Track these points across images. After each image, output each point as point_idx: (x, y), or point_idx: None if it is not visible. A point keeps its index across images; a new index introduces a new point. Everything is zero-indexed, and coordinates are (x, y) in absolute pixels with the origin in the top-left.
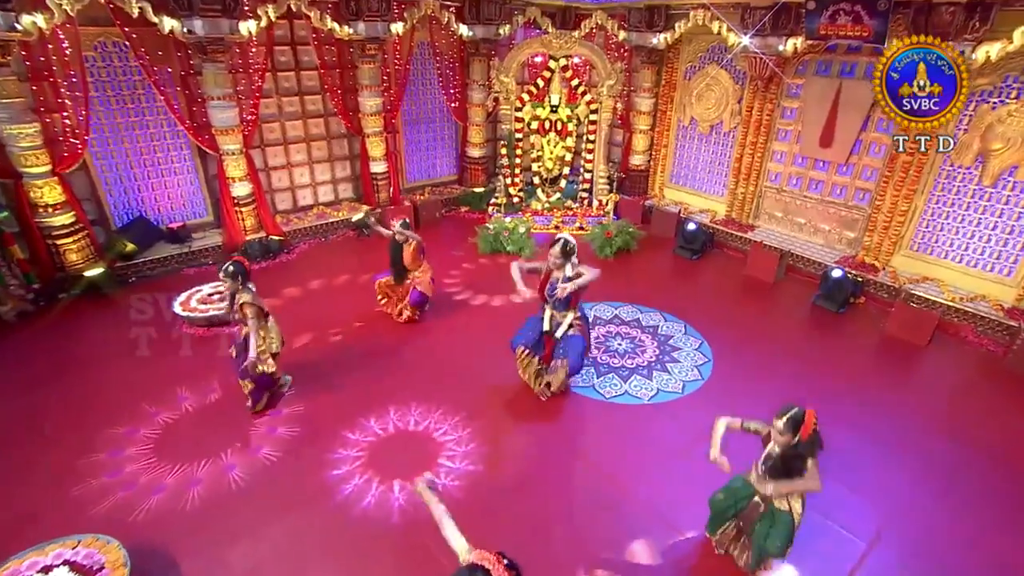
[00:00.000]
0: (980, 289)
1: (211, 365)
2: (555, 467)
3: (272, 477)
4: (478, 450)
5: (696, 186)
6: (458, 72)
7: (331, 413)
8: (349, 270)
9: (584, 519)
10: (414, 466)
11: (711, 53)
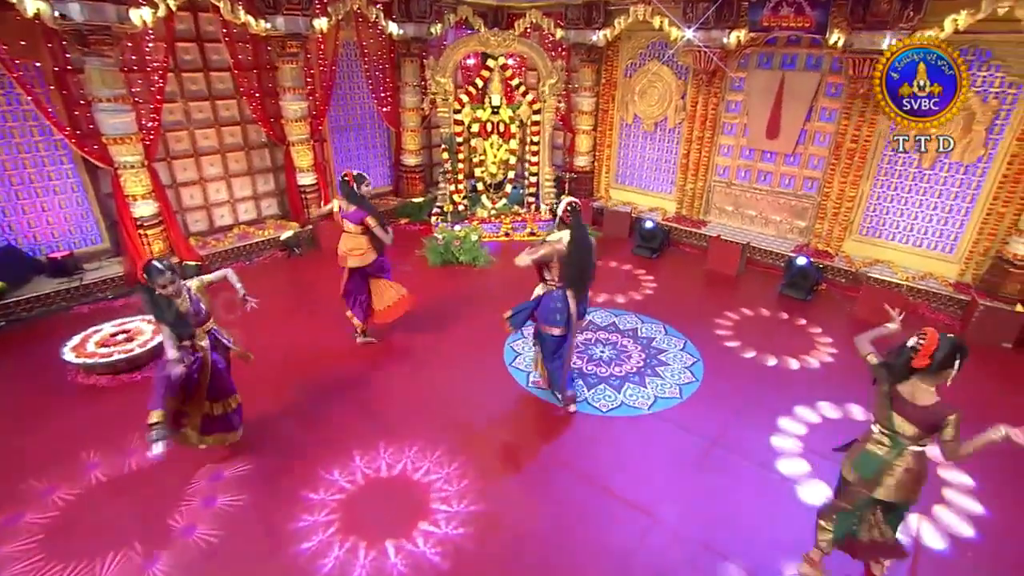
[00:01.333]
0: (927, 267)
1: (125, 419)
2: (570, 496)
3: (215, 569)
4: (474, 487)
5: (643, 185)
6: (388, 74)
7: (283, 469)
8: (281, 294)
9: (628, 561)
10: (402, 518)
11: (651, 49)
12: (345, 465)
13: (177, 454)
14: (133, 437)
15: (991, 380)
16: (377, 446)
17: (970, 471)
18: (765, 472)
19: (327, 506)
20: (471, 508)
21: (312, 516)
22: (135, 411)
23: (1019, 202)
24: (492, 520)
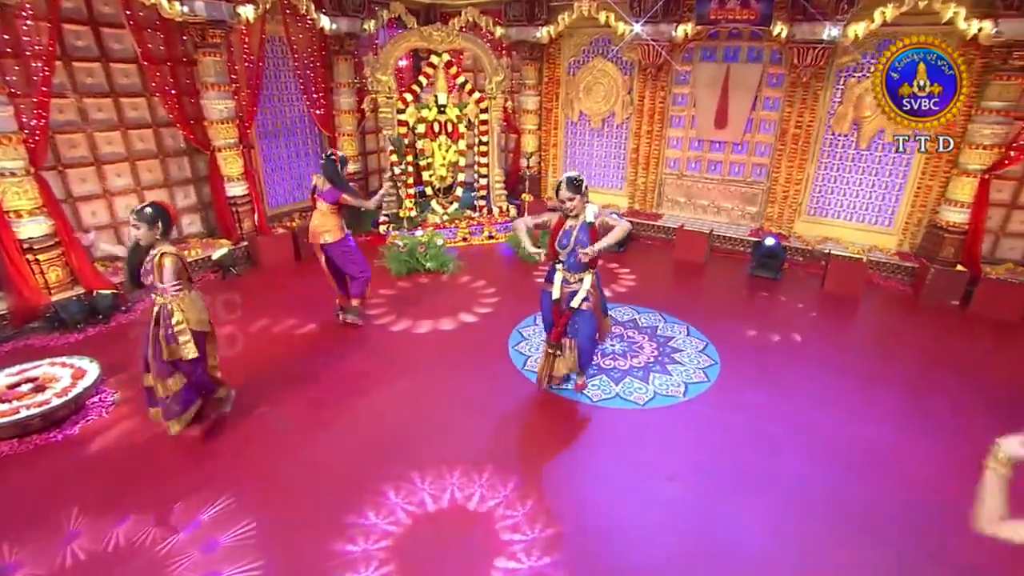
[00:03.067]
0: (870, 241)
1: (54, 495)
2: (642, 492)
3: None
4: (541, 506)
5: (593, 183)
6: (320, 73)
7: (299, 522)
8: (216, 320)
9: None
10: (476, 558)
11: (595, 46)
12: (377, 503)
13: (138, 525)
14: (71, 515)
15: (947, 334)
16: (411, 477)
17: None
18: (816, 438)
19: (374, 558)
20: (547, 533)
21: (360, 573)
22: (67, 480)
23: (943, 175)
24: (576, 539)
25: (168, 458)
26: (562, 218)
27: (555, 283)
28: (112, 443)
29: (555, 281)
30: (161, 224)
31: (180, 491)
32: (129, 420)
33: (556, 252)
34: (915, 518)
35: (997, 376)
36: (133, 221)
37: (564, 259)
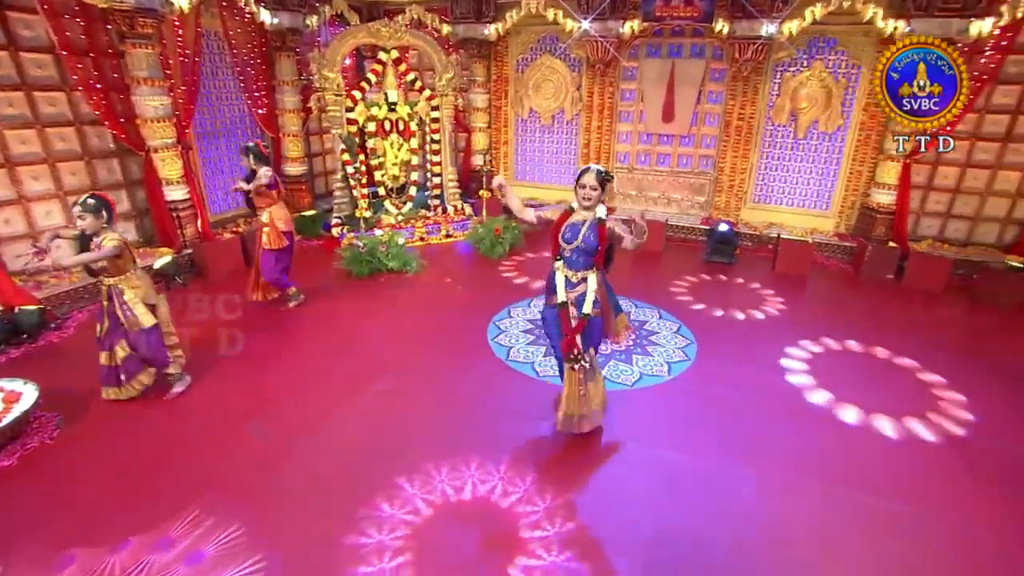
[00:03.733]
0: (810, 224)
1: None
2: (658, 472)
3: None
4: (561, 502)
5: (544, 179)
6: (261, 71)
7: (305, 520)
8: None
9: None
10: (502, 549)
11: (542, 43)
12: (393, 495)
13: (129, 556)
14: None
15: (886, 304)
16: (424, 469)
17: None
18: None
19: (387, 550)
20: (567, 528)
21: (375, 566)
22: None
23: (871, 160)
24: (591, 511)
25: (145, 479)
26: (567, 212)
27: (559, 286)
28: (64, 469)
29: (558, 283)
30: (105, 212)
31: (164, 513)
32: (82, 442)
33: (559, 247)
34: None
35: (928, 333)
36: (78, 213)
37: (567, 255)
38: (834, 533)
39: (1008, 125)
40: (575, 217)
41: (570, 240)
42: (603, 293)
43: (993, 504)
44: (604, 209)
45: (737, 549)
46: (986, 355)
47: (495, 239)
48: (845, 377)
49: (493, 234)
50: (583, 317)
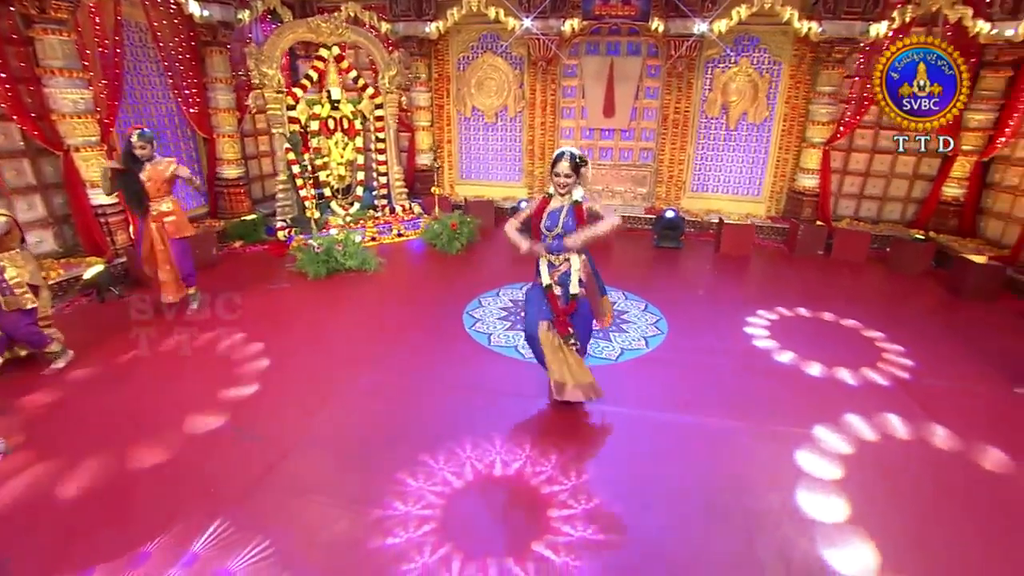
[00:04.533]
0: (745, 209)
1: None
2: (667, 439)
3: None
4: (569, 464)
5: (490, 176)
6: (192, 67)
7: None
8: (102, 345)
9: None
10: (529, 526)
11: (483, 41)
12: (419, 472)
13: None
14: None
15: (820, 274)
16: (434, 453)
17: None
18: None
19: (412, 520)
20: (593, 504)
21: (404, 532)
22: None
23: (795, 148)
24: (604, 475)
25: (133, 495)
26: (545, 199)
27: (542, 269)
28: (27, 497)
29: (542, 268)
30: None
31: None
32: (41, 464)
33: (541, 234)
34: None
35: (861, 297)
36: None
37: (550, 242)
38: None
39: None
40: (553, 204)
41: (551, 228)
42: (588, 273)
43: (950, 431)
44: (581, 191)
45: (748, 495)
46: (907, 312)
47: (452, 234)
48: (803, 338)
49: (450, 229)
50: (572, 298)
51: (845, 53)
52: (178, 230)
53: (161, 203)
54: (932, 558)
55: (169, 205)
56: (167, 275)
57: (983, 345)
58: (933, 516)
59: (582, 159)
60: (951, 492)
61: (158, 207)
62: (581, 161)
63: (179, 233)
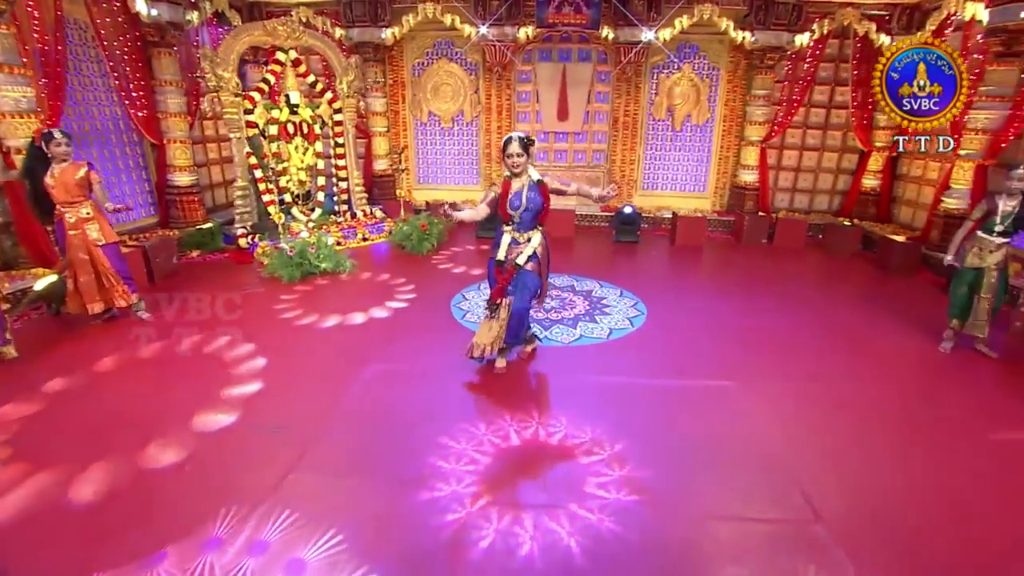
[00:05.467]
0: (692, 205)
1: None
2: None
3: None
4: (603, 434)
5: (448, 180)
6: (140, 69)
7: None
8: (74, 356)
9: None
10: (566, 485)
11: (438, 48)
12: (447, 452)
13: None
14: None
15: (765, 259)
16: (456, 436)
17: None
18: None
19: (459, 477)
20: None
21: (446, 487)
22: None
23: (735, 147)
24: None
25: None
26: (507, 181)
27: (502, 245)
28: (35, 506)
29: (502, 243)
30: None
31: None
32: (42, 474)
33: (509, 215)
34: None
35: (789, 276)
36: None
37: (517, 220)
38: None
39: (825, 116)
40: (515, 185)
41: (517, 207)
42: (544, 254)
43: (887, 373)
44: (537, 173)
45: (744, 444)
46: (848, 288)
47: (422, 235)
48: (767, 310)
49: (420, 230)
50: (514, 267)
51: (775, 60)
52: (106, 235)
53: (79, 209)
54: (896, 454)
55: (89, 210)
56: (87, 285)
57: (907, 307)
58: (894, 429)
59: (529, 139)
60: (909, 416)
61: (76, 213)
62: (529, 141)
63: (108, 238)
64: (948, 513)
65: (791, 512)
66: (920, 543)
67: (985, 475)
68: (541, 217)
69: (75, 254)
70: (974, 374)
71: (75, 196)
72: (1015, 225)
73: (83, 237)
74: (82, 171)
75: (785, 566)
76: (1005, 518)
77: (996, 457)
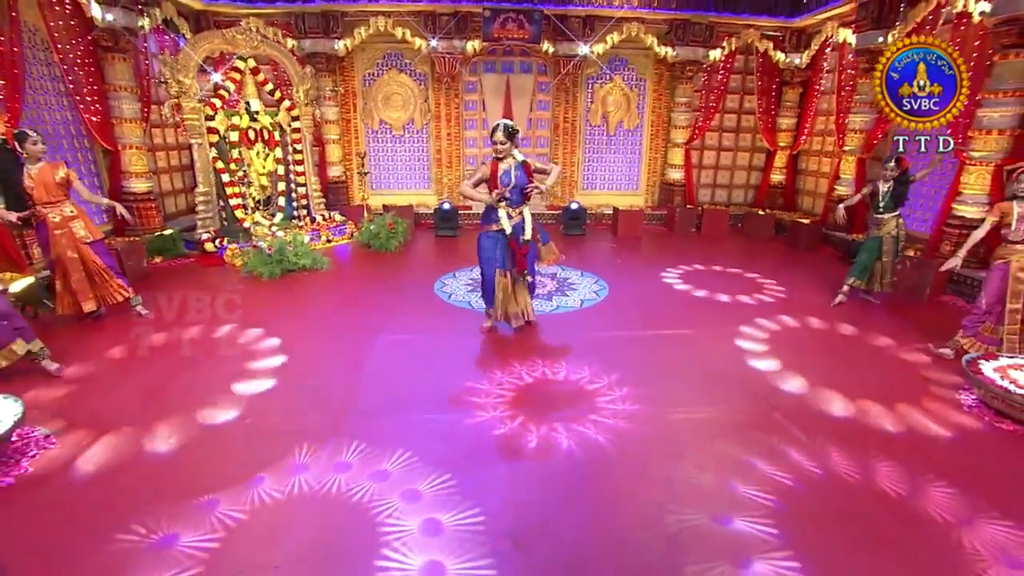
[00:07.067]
0: (627, 202)
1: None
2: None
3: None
4: (600, 370)
5: (400, 185)
6: (92, 74)
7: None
8: (84, 349)
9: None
10: (582, 404)
11: (388, 59)
12: (487, 380)
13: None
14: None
15: (693, 244)
16: (500, 371)
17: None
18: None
19: (493, 396)
20: (627, 407)
21: (485, 413)
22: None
23: (662, 148)
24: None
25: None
26: (495, 162)
27: (503, 219)
28: (112, 462)
29: (502, 217)
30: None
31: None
32: (108, 436)
33: (500, 189)
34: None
35: (733, 255)
36: None
37: (507, 195)
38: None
39: (736, 120)
40: (502, 166)
41: (506, 183)
42: (534, 225)
43: (816, 319)
44: (521, 155)
45: (716, 368)
46: (768, 262)
47: (389, 233)
48: (708, 282)
49: (387, 229)
50: (526, 243)
51: (694, 72)
52: (92, 232)
53: (62, 207)
54: (822, 369)
55: (72, 209)
56: (80, 283)
57: (816, 275)
58: (820, 353)
59: (514, 128)
60: (827, 345)
61: (60, 212)
62: (514, 130)
63: (95, 235)
64: (849, 396)
65: (755, 406)
66: (835, 416)
67: (872, 373)
68: (527, 195)
69: (63, 253)
70: (864, 315)
71: (56, 196)
72: (894, 203)
73: (70, 236)
74: (62, 171)
75: (756, 437)
76: (879, 398)
77: (881, 361)
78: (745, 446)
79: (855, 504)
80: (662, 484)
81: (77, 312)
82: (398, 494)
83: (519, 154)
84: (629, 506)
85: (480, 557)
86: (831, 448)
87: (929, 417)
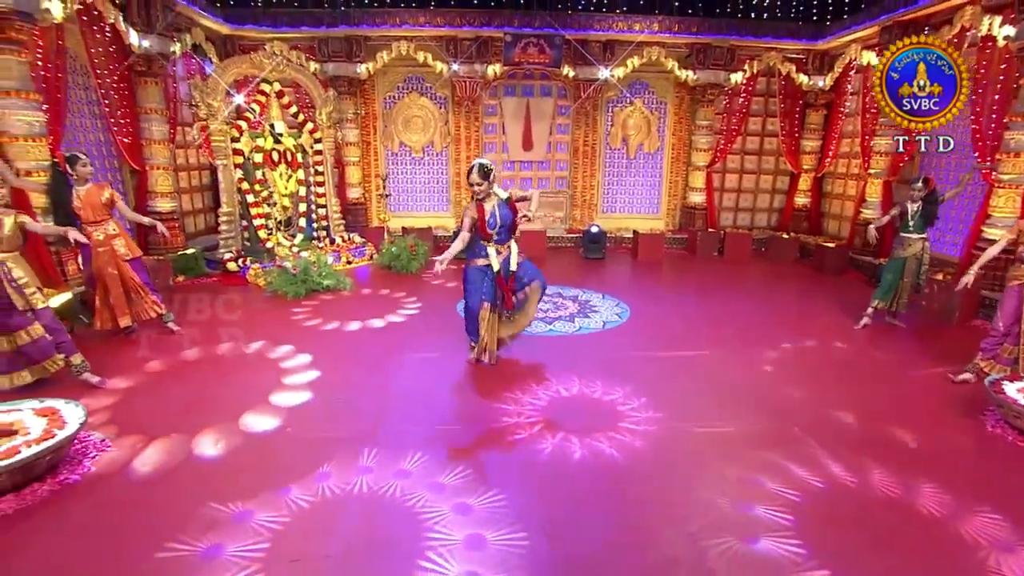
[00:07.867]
0: (648, 225)
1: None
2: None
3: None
4: (634, 391)
5: (419, 208)
6: (127, 98)
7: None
8: (120, 364)
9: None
10: (598, 419)
11: (409, 83)
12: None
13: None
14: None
15: (717, 269)
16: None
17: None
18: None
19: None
20: (645, 423)
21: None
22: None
23: (683, 172)
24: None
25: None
26: (480, 205)
27: (491, 256)
28: (167, 464)
29: (491, 255)
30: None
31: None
32: (158, 441)
33: (489, 234)
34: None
35: (741, 280)
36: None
37: (495, 236)
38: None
39: (759, 143)
40: (487, 207)
41: (493, 225)
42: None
43: (836, 340)
44: (500, 191)
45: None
46: (795, 286)
47: (410, 255)
48: (737, 301)
49: (408, 251)
50: (511, 275)
51: (715, 95)
52: (132, 250)
53: (105, 226)
54: (844, 389)
55: (115, 228)
56: (118, 299)
57: (842, 298)
58: (843, 375)
59: (488, 168)
60: (849, 366)
61: (104, 231)
62: (488, 169)
63: (134, 252)
64: (870, 416)
65: (773, 423)
66: (856, 432)
67: (895, 394)
68: (513, 228)
69: (104, 270)
70: (888, 338)
71: (101, 215)
72: (923, 222)
73: (111, 253)
74: (107, 192)
75: (792, 452)
76: (901, 419)
77: (905, 383)
78: (777, 458)
79: (881, 518)
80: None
81: (114, 327)
82: (450, 506)
83: (501, 191)
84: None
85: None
86: (861, 464)
87: (953, 436)
